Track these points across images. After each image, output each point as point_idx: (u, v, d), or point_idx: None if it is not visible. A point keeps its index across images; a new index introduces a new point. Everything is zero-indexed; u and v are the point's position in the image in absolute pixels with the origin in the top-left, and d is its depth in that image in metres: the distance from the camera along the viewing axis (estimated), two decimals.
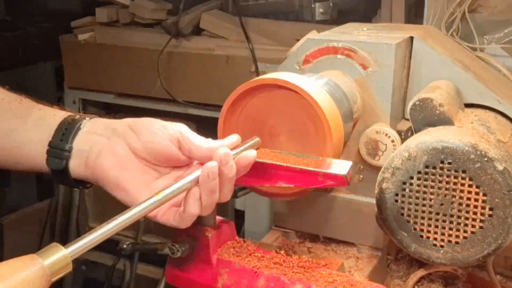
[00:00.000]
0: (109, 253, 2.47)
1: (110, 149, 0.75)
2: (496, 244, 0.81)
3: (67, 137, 0.77)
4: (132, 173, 0.75)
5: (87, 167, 0.76)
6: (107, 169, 0.74)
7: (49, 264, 0.57)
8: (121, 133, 0.76)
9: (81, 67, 2.38)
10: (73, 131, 0.78)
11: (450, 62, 1.00)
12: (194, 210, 0.73)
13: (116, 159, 0.75)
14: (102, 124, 0.79)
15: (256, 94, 0.87)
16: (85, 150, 0.77)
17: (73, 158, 0.77)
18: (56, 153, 0.77)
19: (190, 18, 2.17)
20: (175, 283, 0.87)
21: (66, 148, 0.76)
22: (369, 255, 1.04)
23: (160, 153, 0.76)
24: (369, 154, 0.98)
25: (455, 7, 1.42)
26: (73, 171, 0.77)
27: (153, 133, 0.75)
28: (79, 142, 0.77)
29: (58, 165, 0.77)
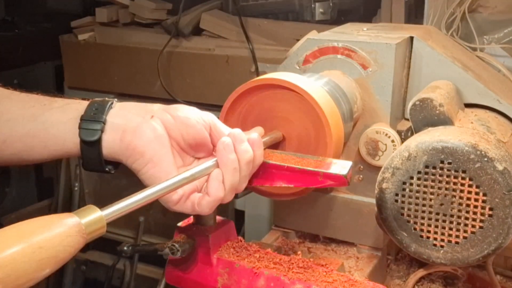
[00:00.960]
0: (109, 253, 2.47)
1: (149, 126, 0.74)
2: (496, 244, 0.81)
3: (101, 111, 0.76)
4: (167, 151, 0.75)
5: (123, 141, 0.74)
6: (146, 143, 0.73)
7: (86, 223, 0.57)
8: (157, 112, 0.76)
9: (81, 67, 2.38)
10: (106, 107, 0.76)
11: (450, 62, 1.00)
12: (218, 193, 0.73)
13: (155, 134, 0.74)
14: (133, 105, 0.78)
15: (256, 94, 0.87)
16: (121, 124, 0.75)
17: (107, 131, 0.75)
18: (90, 124, 0.75)
19: (190, 18, 2.17)
20: (175, 283, 0.87)
21: (101, 119, 0.75)
22: (369, 255, 1.04)
23: (192, 137, 0.76)
24: (369, 154, 0.98)
25: (455, 7, 1.42)
26: (106, 146, 0.75)
27: (189, 116, 0.76)
28: (114, 117, 0.76)
29: (91, 136, 0.74)
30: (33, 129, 0.77)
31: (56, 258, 0.54)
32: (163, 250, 0.82)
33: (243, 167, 0.75)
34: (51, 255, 0.54)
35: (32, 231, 0.53)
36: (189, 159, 0.79)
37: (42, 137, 0.77)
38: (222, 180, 0.73)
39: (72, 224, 0.56)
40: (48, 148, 0.78)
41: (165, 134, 0.75)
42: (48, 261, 0.53)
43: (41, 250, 0.53)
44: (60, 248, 0.54)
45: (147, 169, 0.74)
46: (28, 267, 0.52)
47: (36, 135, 0.77)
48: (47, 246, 0.53)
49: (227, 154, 0.73)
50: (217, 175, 0.73)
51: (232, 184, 0.74)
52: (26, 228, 0.54)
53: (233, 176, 0.74)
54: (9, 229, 0.54)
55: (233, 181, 0.74)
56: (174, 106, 0.78)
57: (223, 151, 0.73)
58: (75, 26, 2.40)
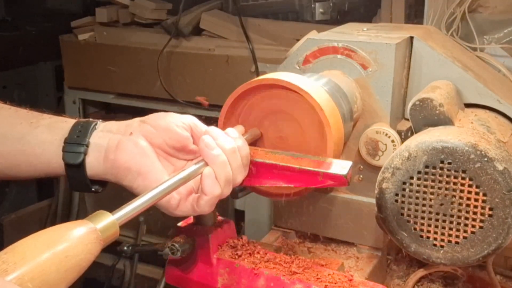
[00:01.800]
0: (109, 253, 2.47)
1: (129, 141, 0.76)
2: (496, 244, 0.81)
3: (84, 134, 0.77)
4: (153, 160, 0.76)
5: (106, 161, 0.76)
6: (129, 158, 0.75)
7: (101, 229, 0.58)
8: (136, 127, 0.78)
9: (81, 67, 2.38)
10: (89, 129, 0.78)
11: (450, 62, 1.00)
12: (214, 190, 0.74)
13: (137, 148, 0.75)
14: (115, 124, 0.80)
15: (256, 94, 0.87)
16: (103, 144, 0.77)
17: (90, 153, 0.77)
18: (73, 148, 0.76)
19: (190, 18, 2.17)
20: (175, 283, 0.87)
21: (84, 142, 0.76)
22: (369, 255, 1.04)
23: (176, 141, 0.77)
24: (369, 154, 0.98)
25: (455, 7, 1.42)
26: (90, 168, 0.77)
27: (168, 122, 0.78)
28: (96, 138, 0.77)
29: (75, 159, 0.76)
30: (19, 147, 0.79)
31: (79, 267, 0.54)
32: (163, 250, 0.82)
33: (230, 159, 0.76)
34: (75, 263, 0.54)
35: (56, 241, 0.53)
36: (181, 162, 0.80)
37: (28, 156, 0.78)
38: (215, 176, 0.74)
39: (90, 231, 0.57)
40: (33, 167, 0.79)
41: (147, 145, 0.76)
42: (73, 270, 0.54)
43: (67, 259, 0.53)
44: (82, 256, 0.55)
45: (139, 183, 0.75)
46: (57, 277, 0.52)
47: (22, 153, 0.79)
48: (71, 255, 0.53)
49: (210, 150, 0.74)
50: (208, 173, 0.74)
51: (226, 178, 0.75)
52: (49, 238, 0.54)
53: (224, 169, 0.75)
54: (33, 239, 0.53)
55: (226, 175, 0.75)
56: (153, 115, 0.80)
57: (205, 148, 0.75)
58: (75, 26, 2.40)
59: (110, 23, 2.35)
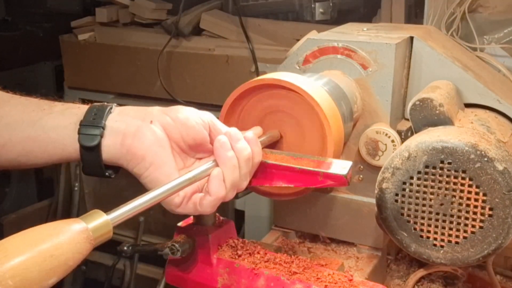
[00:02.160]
0: (109, 253, 2.47)
1: (149, 129, 0.74)
2: (496, 244, 0.81)
3: (100, 116, 0.76)
4: (168, 154, 0.75)
5: (123, 146, 0.74)
6: (146, 147, 0.73)
7: (92, 228, 0.57)
8: (157, 115, 0.76)
9: (81, 67, 2.38)
10: (105, 111, 0.76)
11: (450, 62, 1.00)
12: (219, 192, 0.73)
13: (154, 138, 0.74)
14: (132, 109, 0.78)
15: (256, 94, 0.87)
16: (121, 128, 0.75)
17: (107, 136, 0.75)
18: (89, 130, 0.74)
19: (190, 18, 2.17)
20: (175, 283, 0.87)
21: (100, 124, 0.75)
22: (369, 255, 1.04)
23: (192, 137, 0.76)
24: (369, 154, 0.98)
25: (455, 7, 1.42)
26: (106, 151, 0.75)
27: (188, 117, 0.76)
28: (113, 121, 0.76)
29: (91, 141, 0.74)
30: (32, 133, 0.77)
31: (65, 266, 0.54)
32: (163, 250, 0.82)
33: (242, 165, 0.75)
34: (61, 262, 0.54)
35: (42, 239, 0.53)
36: (190, 160, 0.79)
37: (42, 141, 0.77)
38: (223, 179, 0.74)
39: (80, 230, 0.56)
40: (47, 153, 0.78)
41: (165, 137, 0.75)
42: (58, 269, 0.53)
43: (51, 258, 0.53)
44: (69, 255, 0.54)
45: (149, 173, 0.74)
46: (39, 275, 0.52)
47: (35, 139, 0.77)
48: (57, 254, 0.53)
49: (225, 152, 0.74)
50: (217, 174, 0.73)
51: (233, 181, 0.74)
52: (35, 236, 0.54)
53: (233, 173, 0.74)
54: (19, 237, 0.53)
55: (233, 179, 0.74)
56: (173, 108, 0.78)
57: (220, 149, 0.74)
58: (75, 26, 2.40)
59: (110, 23, 2.35)
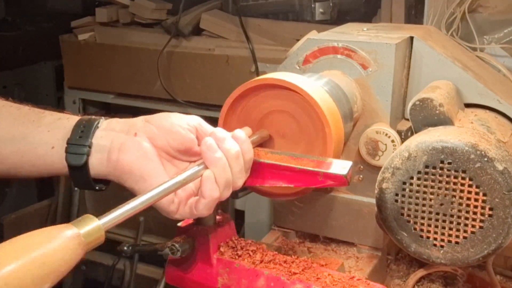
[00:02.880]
0: (109, 253, 2.47)
1: (133, 143, 0.75)
2: (496, 244, 0.81)
3: (87, 134, 0.76)
4: (156, 165, 0.75)
5: (109, 162, 0.75)
6: (132, 161, 0.74)
7: (84, 234, 0.57)
8: (141, 127, 0.77)
9: (81, 67, 2.38)
10: (91, 128, 0.77)
11: (450, 62, 1.00)
12: (213, 193, 0.73)
13: (140, 151, 0.75)
14: (118, 122, 0.79)
15: (256, 94, 0.87)
16: (106, 145, 0.76)
17: (93, 154, 0.76)
18: (76, 149, 0.76)
19: (190, 18, 2.17)
20: (175, 283, 0.87)
21: (86, 143, 0.76)
22: (369, 255, 1.04)
23: (180, 143, 0.76)
24: (369, 154, 0.98)
25: (455, 7, 1.42)
26: (93, 168, 0.76)
27: (172, 123, 0.77)
28: (99, 139, 0.77)
29: (78, 161, 0.75)
30: (22, 148, 0.78)
31: (57, 272, 0.54)
32: (163, 250, 0.82)
33: (232, 163, 0.75)
34: (53, 270, 0.54)
35: (34, 247, 0.53)
36: (183, 164, 0.79)
37: (31, 156, 0.78)
38: (215, 180, 0.74)
39: (72, 236, 0.56)
40: (36, 168, 0.79)
41: (151, 147, 0.76)
42: (51, 276, 0.53)
43: (44, 266, 0.53)
44: (61, 262, 0.54)
45: (140, 186, 0.74)
46: (32, 284, 0.51)
47: (24, 154, 0.78)
48: (49, 262, 0.53)
49: (212, 153, 0.74)
50: (208, 176, 0.73)
51: (226, 181, 0.75)
52: (27, 243, 0.54)
53: (224, 173, 0.74)
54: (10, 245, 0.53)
55: (226, 179, 0.74)
56: (158, 116, 0.78)
57: (207, 151, 0.74)
58: (75, 26, 2.40)
59: (110, 23, 2.35)
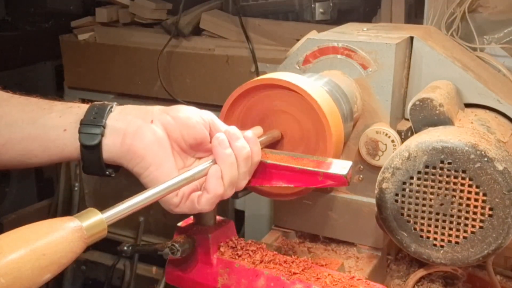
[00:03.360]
0: (109, 253, 2.47)
1: (149, 129, 0.75)
2: (496, 244, 0.81)
3: (101, 115, 0.76)
4: (168, 154, 0.75)
5: (123, 145, 0.74)
6: (146, 146, 0.74)
7: (87, 227, 0.57)
8: (157, 115, 0.76)
9: (81, 67, 2.38)
10: (105, 111, 0.76)
11: (450, 62, 1.00)
12: (218, 189, 0.73)
13: (155, 138, 0.74)
14: (134, 108, 0.79)
15: (256, 94, 0.87)
16: (121, 128, 0.75)
17: (107, 135, 0.75)
18: (90, 129, 0.74)
19: (190, 18, 2.17)
20: (175, 283, 0.87)
21: (101, 123, 0.75)
22: (369, 255, 1.04)
23: (193, 137, 0.76)
24: (369, 154, 0.98)
25: (455, 7, 1.42)
26: (107, 150, 0.75)
27: (188, 117, 0.76)
28: (114, 121, 0.76)
29: (91, 140, 0.74)
30: (32, 132, 0.77)
31: (58, 264, 0.54)
32: (163, 250, 0.82)
33: (241, 163, 0.75)
34: (54, 261, 0.54)
35: (35, 238, 0.53)
36: (190, 160, 0.79)
37: (42, 140, 0.77)
38: (221, 176, 0.74)
39: (74, 229, 0.56)
40: (48, 152, 0.77)
41: (166, 137, 0.75)
42: (51, 267, 0.53)
43: (44, 257, 0.53)
44: (62, 254, 0.54)
45: (149, 173, 0.74)
46: (31, 274, 0.52)
47: (35, 138, 0.77)
48: (50, 253, 0.53)
49: (223, 149, 0.74)
50: (215, 172, 0.73)
51: (231, 179, 0.74)
52: (29, 234, 0.54)
53: (231, 171, 0.74)
54: (12, 235, 0.53)
55: (231, 176, 0.74)
56: (174, 107, 0.78)
57: (218, 146, 0.74)
58: (75, 26, 2.40)
59: (110, 23, 2.35)
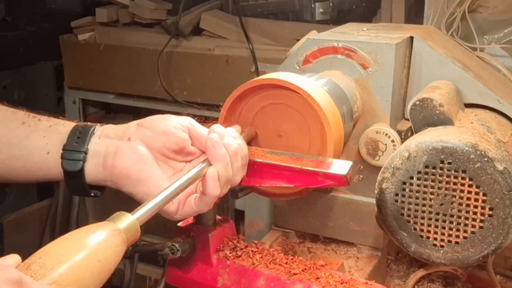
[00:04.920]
0: None
1: (128, 147, 0.76)
2: (496, 244, 0.81)
3: (83, 140, 0.77)
4: (152, 167, 0.76)
5: (105, 168, 0.76)
6: (128, 165, 0.75)
7: (124, 230, 0.58)
8: (134, 131, 0.77)
9: (81, 67, 2.38)
10: (87, 134, 0.78)
11: (450, 62, 1.00)
12: (215, 191, 0.74)
13: (135, 155, 0.75)
14: (112, 128, 0.80)
15: (256, 94, 0.87)
16: (101, 151, 0.77)
17: (89, 160, 0.76)
18: (72, 155, 0.76)
19: (190, 18, 2.17)
20: (175, 283, 0.87)
21: (82, 149, 0.76)
22: (369, 255, 1.04)
23: (174, 143, 0.77)
24: (369, 154, 0.98)
25: (455, 7, 1.42)
26: (89, 174, 0.77)
27: (166, 124, 0.77)
28: (94, 145, 0.77)
29: (74, 167, 0.76)
30: (17, 152, 0.78)
31: (109, 270, 0.55)
32: (163, 250, 0.82)
33: (232, 159, 0.76)
34: (106, 266, 0.54)
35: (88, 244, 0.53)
36: (180, 164, 0.80)
37: (26, 161, 0.78)
38: (218, 177, 0.74)
39: (117, 233, 0.56)
40: (31, 173, 0.79)
41: (146, 150, 0.76)
42: (105, 273, 0.54)
43: (99, 263, 0.53)
44: (112, 259, 0.55)
45: (138, 190, 0.75)
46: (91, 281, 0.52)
47: (20, 159, 0.78)
48: (103, 259, 0.54)
49: (218, 150, 0.75)
50: (212, 174, 0.74)
51: (226, 178, 0.76)
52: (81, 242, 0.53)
53: (227, 170, 0.75)
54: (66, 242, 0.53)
55: (227, 175, 0.76)
56: (150, 119, 0.79)
57: (212, 148, 0.75)
58: (75, 26, 2.40)
59: (110, 23, 2.35)
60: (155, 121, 0.78)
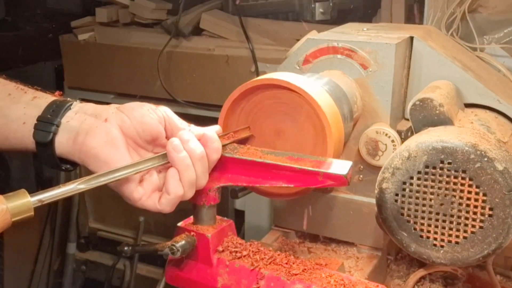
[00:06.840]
0: (109, 253, 2.47)
1: (102, 128, 0.77)
2: (496, 244, 0.81)
3: (57, 113, 0.79)
4: (121, 152, 0.77)
5: (75, 144, 0.77)
6: (98, 145, 0.76)
7: (12, 207, 0.65)
8: (112, 113, 0.78)
9: (81, 67, 2.38)
10: (63, 108, 0.79)
11: (450, 62, 1.00)
12: (177, 190, 0.76)
13: (108, 137, 0.76)
14: (91, 106, 0.81)
15: (256, 94, 0.87)
16: (75, 126, 0.78)
17: (60, 133, 0.78)
18: (44, 126, 0.78)
19: (190, 18, 2.17)
20: (175, 283, 0.87)
21: (55, 122, 0.78)
22: (369, 255, 1.04)
23: (148, 133, 0.78)
24: (369, 154, 0.98)
25: (455, 7, 1.42)
26: (59, 147, 0.78)
27: (143, 114, 0.79)
28: (68, 119, 0.79)
29: (44, 138, 0.77)
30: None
31: None
32: (163, 250, 0.82)
33: (196, 164, 0.77)
34: None
35: None
36: (148, 154, 0.81)
37: (4, 129, 0.80)
38: (179, 178, 0.76)
39: None
40: (8, 141, 0.81)
41: (120, 135, 0.77)
42: None
43: None
44: None
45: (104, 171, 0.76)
46: None
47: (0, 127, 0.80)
48: None
49: (177, 153, 0.76)
50: (173, 174, 0.76)
51: (189, 181, 0.77)
52: None
53: (188, 172, 0.77)
54: None
55: (189, 178, 0.77)
56: (129, 105, 0.81)
57: (172, 151, 0.76)
58: (75, 26, 2.40)
59: (110, 23, 2.35)
60: (134, 109, 0.79)
